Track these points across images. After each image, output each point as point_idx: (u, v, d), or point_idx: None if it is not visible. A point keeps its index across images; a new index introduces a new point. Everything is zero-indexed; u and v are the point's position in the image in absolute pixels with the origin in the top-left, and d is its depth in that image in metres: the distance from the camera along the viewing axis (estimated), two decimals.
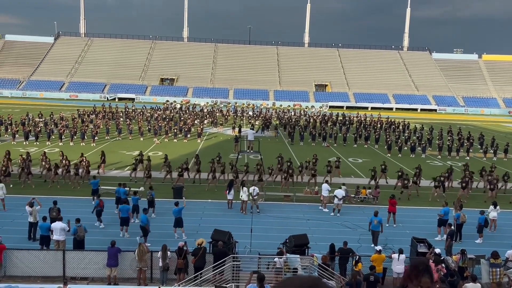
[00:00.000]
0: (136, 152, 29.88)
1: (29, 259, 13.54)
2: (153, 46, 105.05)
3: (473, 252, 15.16)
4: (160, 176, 25.10)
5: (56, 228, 14.72)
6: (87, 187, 22.36)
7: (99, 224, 17.79)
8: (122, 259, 13.59)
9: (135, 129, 42.56)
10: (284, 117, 56.75)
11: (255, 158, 30.74)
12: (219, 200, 21.89)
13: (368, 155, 36.37)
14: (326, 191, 21.31)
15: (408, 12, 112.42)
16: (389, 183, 26.26)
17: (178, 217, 16.98)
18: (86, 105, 65.24)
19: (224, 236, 14.66)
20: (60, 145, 35.09)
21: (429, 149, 38.54)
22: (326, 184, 21.66)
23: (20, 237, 15.94)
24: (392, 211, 19.21)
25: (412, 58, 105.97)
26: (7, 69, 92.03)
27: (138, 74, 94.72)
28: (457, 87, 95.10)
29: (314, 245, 15.43)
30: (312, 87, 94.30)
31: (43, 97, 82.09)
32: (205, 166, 25.71)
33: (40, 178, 24.30)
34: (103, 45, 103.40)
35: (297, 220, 19.68)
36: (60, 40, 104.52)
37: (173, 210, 17.09)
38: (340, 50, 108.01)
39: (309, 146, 39.52)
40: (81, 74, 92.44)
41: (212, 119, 53.13)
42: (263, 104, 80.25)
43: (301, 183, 25.51)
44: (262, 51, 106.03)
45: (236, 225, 17.84)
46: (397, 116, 63.20)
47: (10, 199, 19.59)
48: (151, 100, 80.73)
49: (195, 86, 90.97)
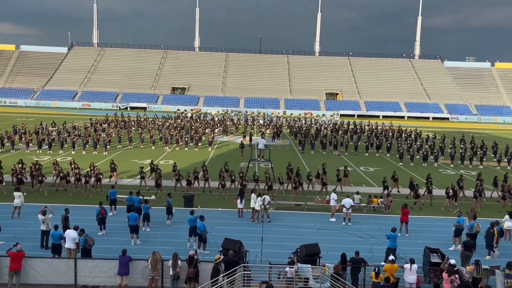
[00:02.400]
0: (148, 161, 30.00)
1: (41, 267, 13.61)
2: (164, 55, 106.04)
3: (488, 263, 14.90)
4: (171, 185, 25.17)
5: (69, 236, 14.81)
6: (98, 196, 22.49)
7: (101, 232, 17.84)
8: (133, 267, 13.59)
9: (146, 137, 42.83)
10: (294, 126, 56.71)
11: (265, 166, 30.71)
12: (230, 209, 21.86)
13: (379, 163, 36.12)
14: (333, 201, 21.10)
15: (419, 21, 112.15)
16: (401, 192, 26.01)
17: (193, 225, 16.98)
18: (98, 114, 65.89)
19: (234, 245, 14.59)
20: (73, 153, 35.42)
21: (441, 158, 38.16)
22: (334, 194, 21.45)
23: (32, 245, 16.05)
24: (404, 220, 19.00)
25: (424, 66, 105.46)
26: (22, 79, 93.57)
27: (150, 83, 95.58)
28: (470, 95, 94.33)
29: (325, 254, 15.30)
30: (323, 95, 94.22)
31: (56, 106, 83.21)
32: (215, 175, 25.72)
33: (53, 186, 24.52)
34: (116, 55, 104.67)
35: (308, 229, 19.55)
36: (73, 50, 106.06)
37: (189, 219, 17.10)
38: (351, 58, 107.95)
39: (320, 154, 39.38)
40: (93, 84, 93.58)
41: (223, 127, 53.29)
42: (273, 112, 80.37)
43: (312, 191, 25.39)
44: (272, 60, 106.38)
45: (247, 234, 17.76)
46: (409, 125, 62.79)
47: (23, 207, 19.77)
48: (162, 109, 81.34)
49: (206, 95, 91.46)
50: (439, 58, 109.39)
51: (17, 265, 13.20)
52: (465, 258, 15.64)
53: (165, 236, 18.24)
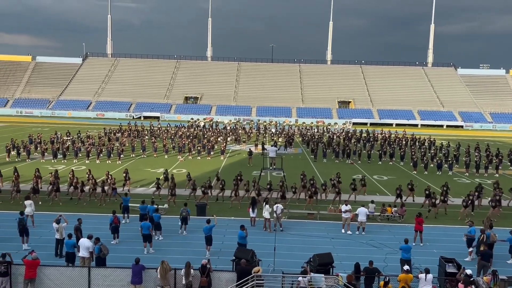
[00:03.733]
0: (161, 170, 30.16)
1: (55, 275, 13.72)
2: (177, 65, 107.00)
3: (505, 273, 14.62)
4: (184, 194, 25.25)
5: (83, 245, 14.93)
6: (112, 204, 22.66)
7: (114, 241, 17.93)
8: (146, 276, 13.62)
9: (159, 147, 43.10)
10: (307, 134, 56.60)
11: (278, 175, 30.66)
12: (242, 217, 21.82)
13: (393, 172, 35.81)
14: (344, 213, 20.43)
15: (432, 28, 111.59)
16: (416, 201, 25.73)
17: (208, 235, 17.01)
18: (112, 123, 66.59)
19: (247, 254, 14.55)
20: (87, 163, 35.79)
21: (456, 166, 37.70)
22: (345, 206, 20.66)
23: (47, 253, 16.20)
24: (418, 229, 18.76)
25: (437, 74, 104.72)
26: (38, 89, 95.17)
27: (163, 93, 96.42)
28: (484, 103, 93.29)
29: (338, 264, 15.17)
30: (335, 104, 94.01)
31: (71, 116, 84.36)
32: (228, 183, 25.75)
33: (67, 195, 24.78)
34: (129, 65, 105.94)
35: (321, 238, 19.42)
36: (88, 61, 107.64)
37: (204, 228, 17.14)
38: (363, 66, 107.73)
39: (333, 163, 39.20)
40: (107, 94, 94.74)
41: (235, 136, 53.41)
42: (285, 121, 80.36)
43: (325, 200, 25.25)
44: (284, 69, 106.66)
45: (260, 243, 17.70)
46: (423, 133, 62.24)
47: (39, 216, 19.99)
48: (175, 118, 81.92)
49: (218, 104, 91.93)
50: (453, 66, 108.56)
51: (32, 273, 13.32)
52: (482, 268, 15.38)
53: (178, 245, 18.26)
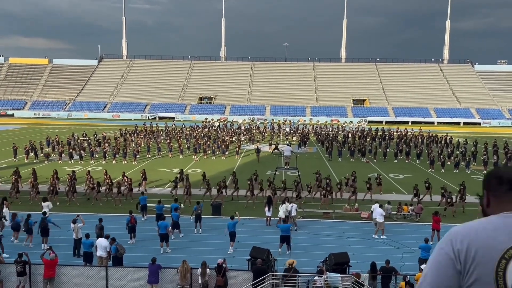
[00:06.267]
0: (176, 170, 30.37)
1: (74, 274, 13.93)
2: (191, 66, 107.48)
3: None
4: (199, 193, 25.38)
5: (101, 245, 15.12)
6: (128, 205, 22.88)
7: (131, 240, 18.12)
8: (163, 275, 13.73)
9: (175, 147, 43.35)
10: (321, 133, 56.36)
11: (292, 174, 30.60)
12: (258, 217, 21.84)
13: (409, 170, 35.45)
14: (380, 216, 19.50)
15: (448, 24, 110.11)
16: (433, 199, 25.44)
17: (232, 231, 17.33)
18: (128, 124, 67.21)
19: (262, 254, 14.56)
20: (103, 163, 36.20)
21: (473, 164, 37.14)
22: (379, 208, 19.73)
23: (65, 253, 16.43)
24: (436, 228, 18.55)
25: (453, 70, 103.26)
26: (55, 91, 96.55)
27: (177, 93, 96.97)
28: (502, 100, 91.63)
29: (355, 263, 15.08)
30: (350, 102, 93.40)
31: (87, 117, 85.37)
32: (243, 183, 25.81)
33: (84, 196, 25.10)
34: (144, 66, 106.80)
35: (337, 237, 19.32)
36: (103, 63, 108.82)
37: (228, 224, 17.49)
38: (378, 64, 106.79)
39: (348, 162, 38.96)
40: (123, 95, 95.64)
41: (249, 136, 53.45)
42: (300, 120, 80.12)
43: (341, 199, 25.11)
44: (298, 68, 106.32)
45: (275, 243, 17.69)
46: (439, 130, 61.49)
47: (57, 216, 20.28)
48: (190, 119, 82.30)
49: (232, 104, 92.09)
50: (469, 62, 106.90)
51: (51, 272, 13.53)
52: None
53: (194, 244, 18.36)
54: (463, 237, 1.90)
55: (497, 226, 1.91)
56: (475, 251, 1.86)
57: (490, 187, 2.07)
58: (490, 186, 2.08)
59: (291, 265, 13.56)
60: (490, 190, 2.08)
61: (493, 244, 1.85)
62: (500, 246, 1.84)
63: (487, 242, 1.87)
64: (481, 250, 1.86)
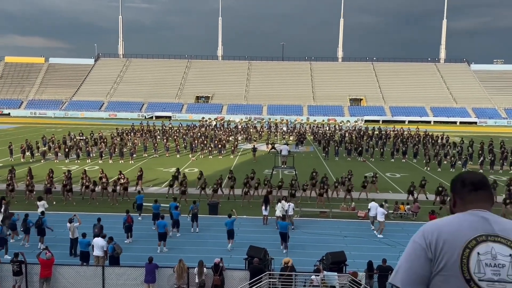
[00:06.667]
0: (173, 169, 30.34)
1: (70, 274, 13.89)
2: (188, 65, 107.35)
3: None
4: (196, 193, 25.35)
5: (97, 244, 15.09)
6: (125, 204, 22.83)
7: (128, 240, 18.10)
8: (160, 275, 13.71)
9: (171, 146, 43.29)
10: (318, 132, 56.41)
11: (289, 173, 30.62)
12: (254, 216, 21.85)
13: (406, 170, 35.53)
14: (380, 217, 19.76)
15: (445, 24, 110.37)
16: (429, 198, 25.50)
17: (230, 229, 17.47)
18: (124, 123, 67.09)
19: (259, 253, 14.56)
20: (100, 163, 36.11)
21: (469, 163, 37.26)
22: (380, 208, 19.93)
23: (62, 252, 16.39)
24: None
25: (450, 70, 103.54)
26: (51, 90, 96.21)
27: (174, 92, 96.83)
28: (498, 99, 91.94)
29: (351, 262, 15.10)
30: (346, 101, 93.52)
31: (84, 116, 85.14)
32: (239, 182, 25.81)
33: (80, 195, 25.03)
34: (141, 65, 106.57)
35: (334, 236, 19.35)
36: (100, 62, 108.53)
37: (226, 222, 17.63)
38: (374, 63, 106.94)
39: (345, 161, 39.01)
40: (119, 94, 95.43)
41: (246, 135, 53.43)
42: (297, 119, 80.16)
43: (337, 198, 25.14)
44: (295, 67, 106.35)
45: (272, 242, 17.70)
46: (436, 130, 61.65)
47: (53, 216, 20.23)
48: (187, 118, 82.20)
49: (229, 103, 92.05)
50: (466, 61, 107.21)
51: (47, 272, 13.49)
52: None
53: (190, 243, 18.35)
54: (433, 231, 2.23)
55: (462, 221, 2.25)
56: (443, 242, 2.18)
57: (456, 190, 2.42)
58: (455, 188, 2.42)
59: (286, 264, 13.58)
60: (455, 192, 2.42)
61: (458, 236, 2.18)
62: (464, 238, 2.17)
63: (453, 235, 2.19)
64: (448, 241, 2.17)
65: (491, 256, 2.12)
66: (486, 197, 2.36)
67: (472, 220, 2.24)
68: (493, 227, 2.20)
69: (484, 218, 2.24)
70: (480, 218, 2.24)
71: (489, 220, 2.24)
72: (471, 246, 2.15)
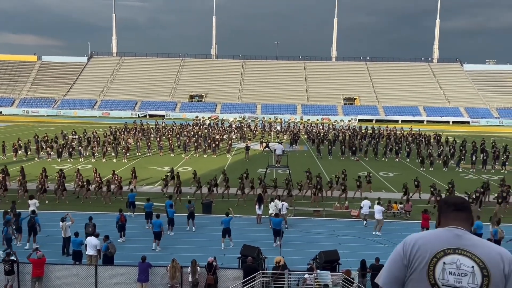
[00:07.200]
0: (167, 168, 30.27)
1: (63, 273, 13.81)
2: (182, 63, 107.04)
3: None
4: (190, 192, 25.30)
5: (90, 243, 15.01)
6: (118, 203, 22.74)
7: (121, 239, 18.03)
8: (153, 274, 13.67)
9: (165, 145, 43.16)
10: (312, 131, 56.48)
11: (283, 172, 30.64)
12: (248, 215, 21.85)
13: (399, 169, 35.68)
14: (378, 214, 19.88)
15: (438, 24, 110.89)
16: (422, 197, 25.63)
17: (227, 227, 17.55)
18: (118, 122, 66.78)
19: (253, 252, 14.56)
20: (93, 161, 35.93)
21: (462, 163, 37.49)
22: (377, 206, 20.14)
23: (54, 252, 16.29)
24: (425, 226, 18.69)
25: (443, 70, 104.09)
26: (44, 88, 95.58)
27: (168, 91, 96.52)
28: (491, 99, 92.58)
29: (344, 261, 15.15)
30: (340, 100, 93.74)
31: (77, 115, 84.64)
32: (233, 181, 25.79)
33: (74, 194, 24.89)
34: (134, 64, 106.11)
35: (327, 235, 19.40)
36: (93, 60, 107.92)
37: (224, 220, 17.71)
38: (368, 63, 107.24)
39: (338, 160, 39.10)
40: (113, 92, 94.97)
41: (240, 134, 53.39)
42: (291, 118, 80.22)
43: (331, 198, 25.20)
44: (289, 66, 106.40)
45: (265, 241, 17.72)
46: (429, 129, 61.95)
47: (46, 215, 20.11)
48: (180, 117, 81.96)
49: (223, 102, 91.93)
50: (459, 61, 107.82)
51: (39, 271, 13.41)
52: None
53: (184, 242, 18.32)
54: (411, 241, 2.67)
55: (437, 235, 2.67)
56: (416, 251, 2.61)
57: (442, 210, 2.85)
58: (441, 209, 2.86)
59: (278, 263, 13.58)
60: (441, 212, 2.85)
61: (429, 248, 2.59)
62: (434, 249, 2.57)
63: (425, 246, 2.60)
64: (421, 251, 2.60)
65: (456, 266, 2.50)
66: (465, 217, 2.74)
67: (446, 235, 2.64)
68: (463, 242, 2.58)
69: (457, 235, 2.62)
70: (453, 235, 2.63)
71: (461, 237, 2.61)
72: (439, 256, 2.54)
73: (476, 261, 2.50)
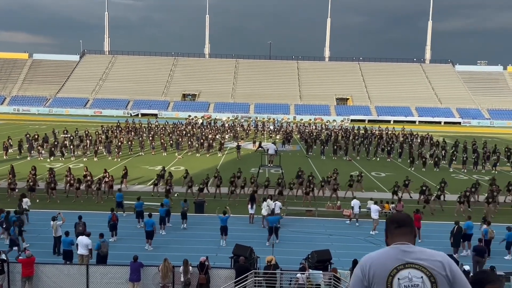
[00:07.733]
0: (159, 167, 30.17)
1: (53, 273, 13.71)
2: (175, 62, 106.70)
3: (503, 269, 14.67)
4: (182, 191, 25.24)
5: (82, 243, 14.91)
6: (109, 202, 22.63)
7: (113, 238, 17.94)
8: (145, 273, 13.63)
9: (157, 144, 43.01)
10: (305, 131, 56.59)
11: (276, 172, 30.67)
12: (240, 214, 21.84)
13: (391, 169, 35.85)
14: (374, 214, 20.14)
15: (430, 25, 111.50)
16: (413, 197, 25.77)
17: (224, 225, 17.70)
18: (110, 121, 66.42)
19: (245, 252, 14.57)
20: (85, 160, 35.72)
21: (454, 163, 37.75)
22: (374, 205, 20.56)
23: (45, 251, 16.18)
24: (416, 226, 18.80)
25: (435, 70, 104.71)
26: (35, 87, 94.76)
27: (160, 90, 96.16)
28: (482, 100, 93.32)
29: (336, 261, 15.20)
30: (333, 100, 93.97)
31: (68, 113, 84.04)
32: (226, 180, 25.76)
33: (64, 193, 24.72)
34: (127, 62, 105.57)
35: (319, 235, 19.45)
36: (85, 58, 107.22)
37: (222, 219, 17.87)
38: (361, 63, 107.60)
39: (331, 160, 39.22)
40: (105, 91, 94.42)
41: (233, 133, 53.37)
42: (284, 118, 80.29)
43: (323, 197, 25.26)
44: (282, 66, 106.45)
45: (258, 240, 17.73)
46: (420, 129, 62.30)
47: (36, 214, 19.97)
48: (173, 116, 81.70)
49: (216, 101, 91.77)
50: (450, 62, 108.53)
51: (29, 271, 13.30)
52: (477, 264, 15.43)
53: (176, 242, 18.28)
54: (367, 262, 2.97)
55: (388, 254, 2.97)
56: (373, 271, 2.91)
57: (386, 227, 3.19)
58: (386, 226, 3.20)
59: (269, 262, 13.60)
60: (386, 229, 3.18)
61: (383, 268, 2.90)
62: (388, 268, 2.89)
63: (380, 266, 2.92)
64: (377, 271, 2.90)
65: (408, 279, 2.83)
66: (407, 232, 3.06)
67: (394, 253, 2.95)
68: (411, 256, 2.91)
69: (403, 251, 2.94)
70: (400, 251, 2.94)
71: (407, 252, 2.93)
72: (393, 274, 2.86)
73: (424, 271, 2.84)
